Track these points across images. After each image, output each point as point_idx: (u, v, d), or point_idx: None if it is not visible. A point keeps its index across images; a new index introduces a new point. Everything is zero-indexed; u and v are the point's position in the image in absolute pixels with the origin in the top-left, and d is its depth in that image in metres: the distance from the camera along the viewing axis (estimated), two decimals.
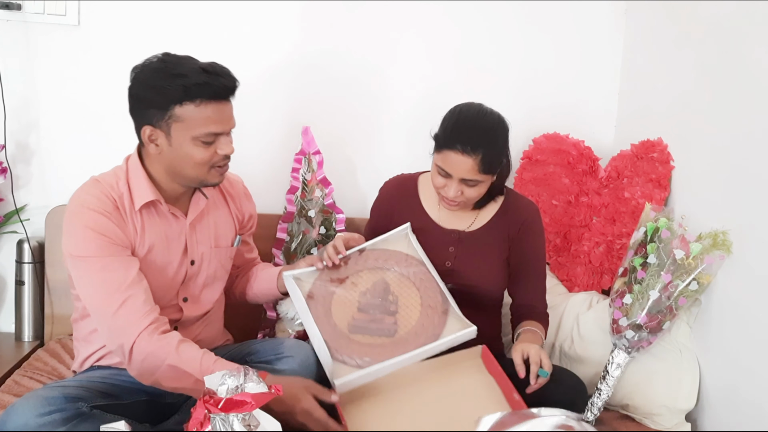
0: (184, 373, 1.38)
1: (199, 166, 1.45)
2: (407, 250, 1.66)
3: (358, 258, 1.63)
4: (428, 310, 1.56)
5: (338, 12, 2.15)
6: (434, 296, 1.58)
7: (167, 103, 1.40)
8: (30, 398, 1.32)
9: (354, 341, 1.51)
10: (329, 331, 1.52)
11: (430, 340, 1.50)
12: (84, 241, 1.43)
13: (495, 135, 1.58)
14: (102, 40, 2.05)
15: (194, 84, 1.38)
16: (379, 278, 1.61)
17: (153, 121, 1.42)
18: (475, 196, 1.62)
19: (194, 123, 1.41)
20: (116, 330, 1.41)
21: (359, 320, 1.55)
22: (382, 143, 2.23)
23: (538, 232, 1.74)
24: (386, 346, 1.50)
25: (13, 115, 2.03)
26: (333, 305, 1.56)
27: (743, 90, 1.69)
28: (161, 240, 1.51)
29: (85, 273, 1.44)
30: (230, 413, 1.11)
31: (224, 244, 1.63)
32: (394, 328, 1.53)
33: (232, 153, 1.48)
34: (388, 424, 1.44)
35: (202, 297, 1.61)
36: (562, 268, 2.14)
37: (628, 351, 1.74)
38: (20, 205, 2.06)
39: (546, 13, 2.23)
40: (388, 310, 1.56)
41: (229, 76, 1.44)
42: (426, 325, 1.53)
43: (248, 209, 1.71)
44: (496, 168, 1.60)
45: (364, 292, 1.58)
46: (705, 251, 1.68)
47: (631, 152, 2.04)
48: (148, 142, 1.45)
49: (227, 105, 1.46)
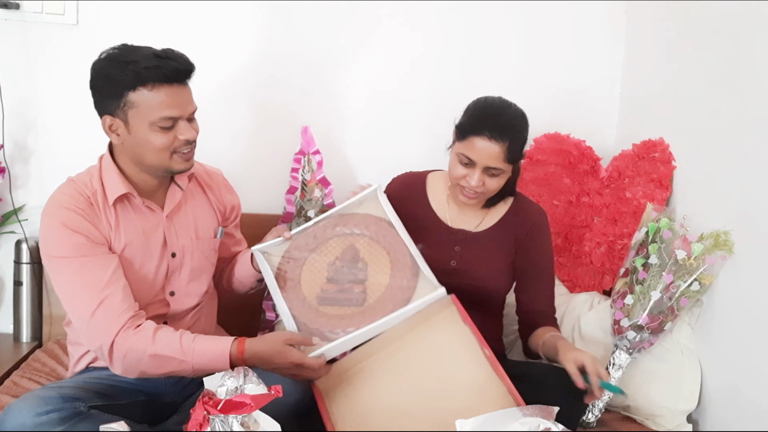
0: (167, 358, 1.39)
1: (159, 152, 1.44)
2: (377, 212, 1.62)
3: (326, 226, 1.61)
4: (397, 274, 1.53)
5: (338, 12, 2.14)
6: (404, 259, 1.55)
7: (121, 90, 1.40)
8: (27, 398, 1.32)
9: (322, 314, 1.50)
10: (297, 305, 1.51)
11: (399, 305, 1.47)
12: (59, 240, 1.42)
13: (520, 124, 1.60)
14: (100, 40, 2.00)
15: (144, 68, 1.38)
16: (349, 245, 1.59)
17: (111, 110, 1.43)
18: (495, 188, 1.62)
19: (149, 108, 1.40)
20: (94, 332, 1.41)
21: (327, 291, 1.53)
22: (382, 143, 2.23)
23: (547, 237, 1.74)
24: (355, 317, 1.48)
25: (11, 115, 2.02)
26: (302, 277, 1.55)
27: (744, 89, 1.68)
28: (138, 234, 1.51)
29: (61, 274, 1.44)
30: (229, 414, 1.11)
31: (205, 235, 1.62)
32: (362, 297, 1.51)
33: (193, 138, 1.46)
34: (369, 401, 1.46)
35: (188, 290, 1.59)
36: (563, 268, 2.14)
37: (630, 352, 1.74)
38: (18, 205, 2.06)
39: (546, 13, 2.22)
40: (357, 278, 1.55)
41: (181, 59, 1.43)
42: (395, 291, 1.51)
43: (230, 201, 1.70)
44: (518, 159, 1.61)
45: (332, 262, 1.57)
46: (707, 251, 1.68)
47: (633, 152, 2.04)
48: (110, 133, 1.46)
49: (183, 88, 1.44)
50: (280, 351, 1.40)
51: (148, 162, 1.46)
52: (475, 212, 1.72)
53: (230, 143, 2.14)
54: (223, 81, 2.11)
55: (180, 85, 1.44)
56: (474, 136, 1.55)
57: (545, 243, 1.73)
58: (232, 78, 2.12)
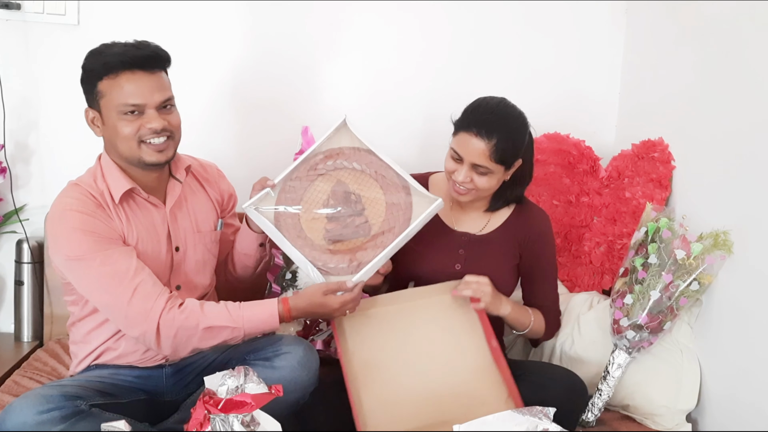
0: (220, 328, 1.44)
1: (127, 140, 1.45)
2: (352, 143, 1.64)
3: (308, 167, 1.62)
4: (392, 197, 1.58)
5: (338, 12, 2.15)
6: (392, 180, 1.60)
7: (93, 80, 1.44)
8: (28, 397, 1.33)
9: (336, 251, 1.55)
10: (309, 250, 1.54)
11: (405, 225, 1.55)
12: (75, 242, 1.43)
13: (512, 125, 1.58)
14: (101, 40, 2.02)
15: (110, 55, 1.42)
16: (335, 181, 1.61)
17: (90, 103, 1.48)
18: (486, 187, 1.61)
19: (115, 96, 1.43)
20: (134, 319, 1.43)
21: (332, 230, 1.57)
22: (383, 143, 2.21)
23: (551, 241, 1.76)
24: (368, 245, 1.54)
25: (12, 115, 2.02)
26: (302, 225, 1.57)
27: (744, 89, 1.68)
28: (147, 229, 1.52)
29: (85, 272, 1.44)
30: (230, 414, 1.11)
31: (206, 228, 1.64)
32: (367, 226, 1.57)
33: (160, 127, 1.45)
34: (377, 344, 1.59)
35: (194, 283, 1.61)
36: (562, 268, 2.14)
37: (629, 351, 1.74)
38: (19, 205, 2.06)
39: (546, 13, 2.22)
40: (355, 210, 1.58)
41: (147, 47, 1.45)
42: (395, 212, 1.57)
43: (226, 189, 1.72)
44: (510, 161, 1.59)
45: (327, 202, 1.59)
46: (706, 251, 1.68)
47: (632, 152, 2.04)
48: (92, 126, 1.50)
49: (149, 75, 1.44)
50: (321, 303, 1.47)
51: (121, 152, 1.48)
52: (479, 215, 1.72)
53: (230, 143, 2.15)
54: (223, 81, 2.12)
55: (145, 72, 1.44)
56: (463, 131, 1.56)
57: (549, 248, 1.76)
58: (231, 78, 2.13)
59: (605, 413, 1.80)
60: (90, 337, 1.55)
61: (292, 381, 1.45)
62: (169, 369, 1.59)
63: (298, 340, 1.57)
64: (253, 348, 1.56)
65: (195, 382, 1.59)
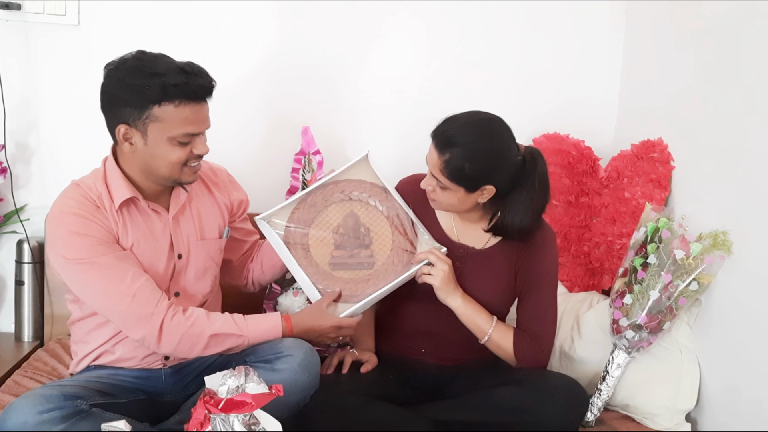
0: (227, 335, 1.48)
1: (173, 165, 1.45)
2: (370, 179, 1.69)
3: (324, 193, 1.66)
4: (398, 237, 1.65)
5: (338, 12, 2.15)
6: (400, 222, 1.66)
7: (145, 103, 1.39)
8: (28, 397, 1.33)
9: (338, 278, 1.61)
10: (313, 271, 1.60)
11: (407, 266, 1.62)
12: (73, 244, 1.43)
13: (476, 146, 1.49)
14: (102, 40, 2.05)
15: (173, 84, 1.38)
16: (348, 211, 1.65)
17: (129, 120, 1.42)
18: (446, 203, 1.58)
19: (172, 123, 1.41)
20: (135, 322, 1.44)
21: (338, 257, 1.63)
22: (383, 144, 2.23)
23: (549, 255, 1.66)
24: (369, 279, 1.62)
25: (12, 115, 2.02)
26: (310, 246, 1.62)
27: (743, 90, 1.69)
28: (145, 237, 1.51)
29: (82, 276, 1.44)
30: (230, 414, 1.11)
31: (210, 236, 1.62)
32: (371, 261, 1.63)
33: (206, 153, 1.48)
34: None
35: (193, 291, 1.60)
36: (562, 268, 2.14)
37: (629, 351, 1.74)
38: (20, 205, 2.06)
39: (546, 13, 2.23)
40: (362, 243, 1.64)
41: (206, 77, 1.44)
42: (399, 252, 1.64)
43: (237, 196, 1.71)
44: (469, 183, 1.51)
45: (337, 229, 1.64)
46: (705, 251, 1.68)
47: (632, 152, 2.04)
48: (122, 141, 1.45)
49: (204, 106, 1.46)
50: (321, 318, 1.55)
51: (159, 173, 1.47)
52: (482, 232, 1.66)
53: (230, 144, 2.14)
54: (222, 82, 2.10)
55: (203, 102, 1.45)
56: (431, 137, 1.56)
57: (545, 261, 1.65)
58: (231, 79, 2.11)
59: (605, 413, 1.80)
60: (90, 337, 1.55)
61: (293, 383, 1.44)
62: (168, 369, 1.59)
63: (298, 342, 1.55)
64: (254, 350, 1.55)
65: (195, 382, 1.59)
